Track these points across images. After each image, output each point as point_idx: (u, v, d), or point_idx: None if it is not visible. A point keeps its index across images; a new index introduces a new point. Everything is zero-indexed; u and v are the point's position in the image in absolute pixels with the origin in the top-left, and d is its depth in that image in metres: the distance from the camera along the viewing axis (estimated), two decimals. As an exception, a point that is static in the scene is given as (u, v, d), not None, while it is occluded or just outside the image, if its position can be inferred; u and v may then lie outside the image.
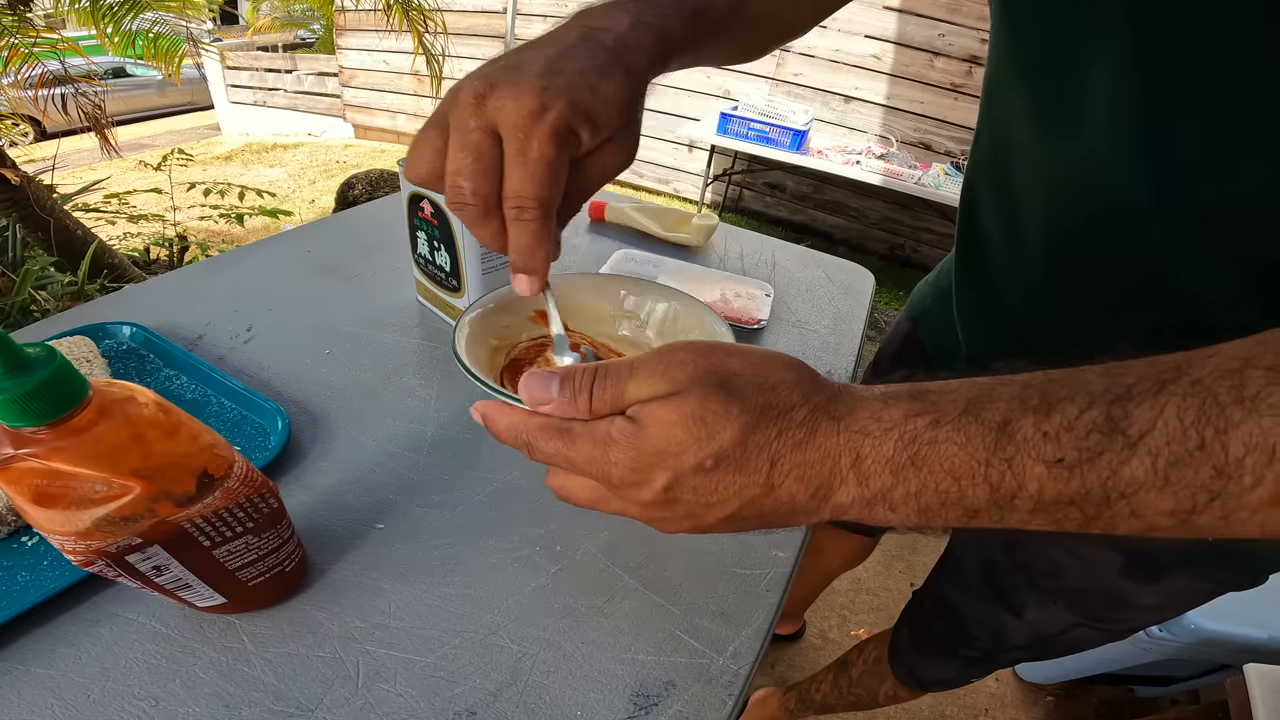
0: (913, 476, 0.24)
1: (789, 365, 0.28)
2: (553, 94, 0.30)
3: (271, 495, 0.37)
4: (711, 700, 0.38)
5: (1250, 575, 0.54)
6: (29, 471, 0.27)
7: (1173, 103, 0.34)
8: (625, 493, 0.28)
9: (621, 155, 0.34)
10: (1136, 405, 0.22)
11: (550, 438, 0.28)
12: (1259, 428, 0.21)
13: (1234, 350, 0.22)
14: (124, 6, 2.46)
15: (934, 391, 0.25)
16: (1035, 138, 0.44)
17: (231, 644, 0.38)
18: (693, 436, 0.25)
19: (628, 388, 0.27)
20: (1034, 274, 0.49)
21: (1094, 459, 0.22)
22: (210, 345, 0.63)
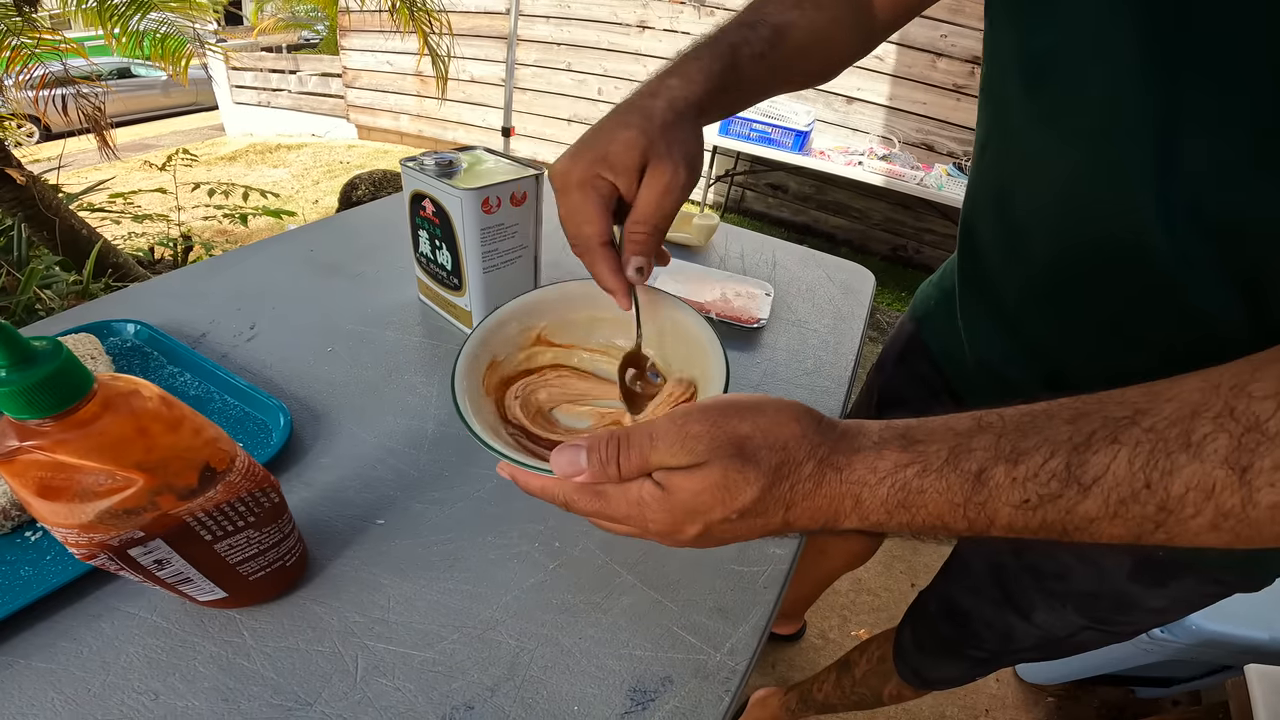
0: (903, 514, 0.29)
1: (794, 419, 0.30)
2: (581, 156, 0.41)
3: (273, 490, 0.37)
4: (708, 696, 0.38)
5: (1259, 578, 0.54)
6: (34, 464, 0.28)
7: (1181, 116, 0.35)
8: (663, 536, 0.32)
9: (666, 177, 0.41)
10: (1094, 454, 0.26)
11: (587, 499, 0.32)
12: (1201, 470, 0.24)
13: (1188, 396, 0.26)
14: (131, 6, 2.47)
15: (921, 441, 0.29)
16: (1039, 147, 0.44)
17: (232, 638, 0.39)
18: (718, 501, 0.29)
19: (651, 457, 0.30)
20: (1036, 283, 0.49)
21: (1054, 499, 0.26)
22: (214, 343, 0.63)
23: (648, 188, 0.41)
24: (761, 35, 0.50)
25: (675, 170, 0.41)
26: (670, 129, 0.42)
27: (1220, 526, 0.25)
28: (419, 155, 0.63)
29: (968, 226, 0.57)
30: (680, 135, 0.42)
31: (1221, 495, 0.24)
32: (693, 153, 0.43)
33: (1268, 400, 0.24)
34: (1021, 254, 0.50)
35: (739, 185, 4.06)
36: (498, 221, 0.59)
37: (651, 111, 0.42)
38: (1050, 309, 0.49)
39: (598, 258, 0.42)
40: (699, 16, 3.70)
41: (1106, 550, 0.55)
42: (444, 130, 5.00)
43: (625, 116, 0.42)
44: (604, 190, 0.41)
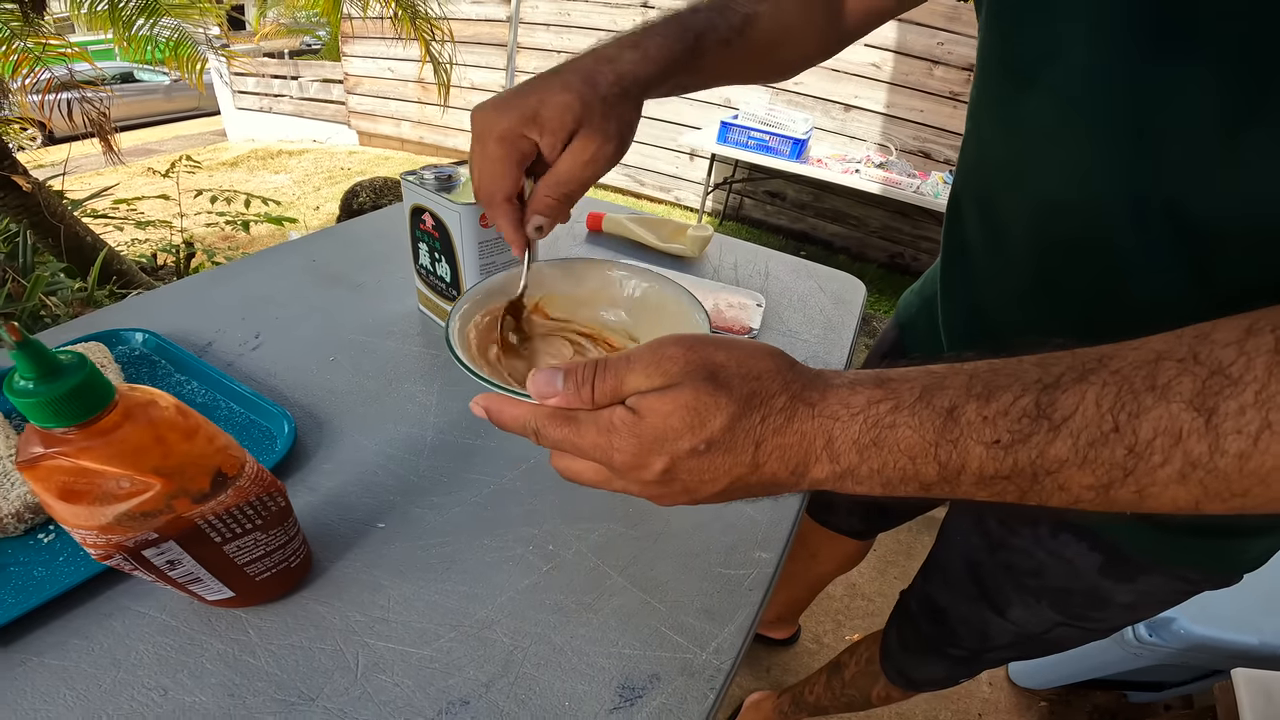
0: (875, 455, 0.28)
1: (769, 355, 0.31)
2: (509, 108, 0.41)
3: (279, 494, 0.39)
4: (694, 693, 0.40)
5: (1224, 575, 0.55)
6: (57, 469, 0.30)
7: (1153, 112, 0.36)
8: (628, 474, 0.31)
9: (592, 148, 0.42)
10: (1062, 392, 0.25)
11: (558, 425, 0.32)
12: (1168, 413, 0.24)
13: (1153, 344, 0.26)
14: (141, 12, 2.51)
15: (894, 380, 0.29)
16: (1019, 150, 0.46)
17: (238, 636, 0.40)
18: (686, 424, 0.28)
19: (626, 380, 0.30)
20: (1015, 283, 0.51)
21: (1025, 440, 0.26)
22: (220, 352, 0.65)
23: (572, 154, 0.42)
24: (730, 22, 0.50)
25: (605, 144, 0.41)
26: (612, 103, 0.42)
27: (1189, 477, 0.24)
28: (419, 169, 0.65)
29: (950, 228, 0.59)
30: (621, 111, 0.42)
31: (1189, 441, 0.24)
32: (627, 130, 0.43)
33: (1229, 347, 0.24)
34: (1001, 258, 0.51)
35: (737, 193, 4.09)
36: (494, 235, 0.61)
37: (597, 80, 0.42)
38: (1031, 309, 0.50)
39: (501, 212, 0.43)
40: (698, 25, 3.74)
41: (1078, 547, 0.57)
42: (445, 137, 5.04)
43: (569, 78, 0.42)
44: (525, 148, 0.42)
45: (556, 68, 0.43)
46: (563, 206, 0.44)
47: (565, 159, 0.42)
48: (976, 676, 1.49)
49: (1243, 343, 0.24)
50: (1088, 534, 0.57)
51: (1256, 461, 0.23)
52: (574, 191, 0.43)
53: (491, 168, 0.42)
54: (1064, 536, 0.58)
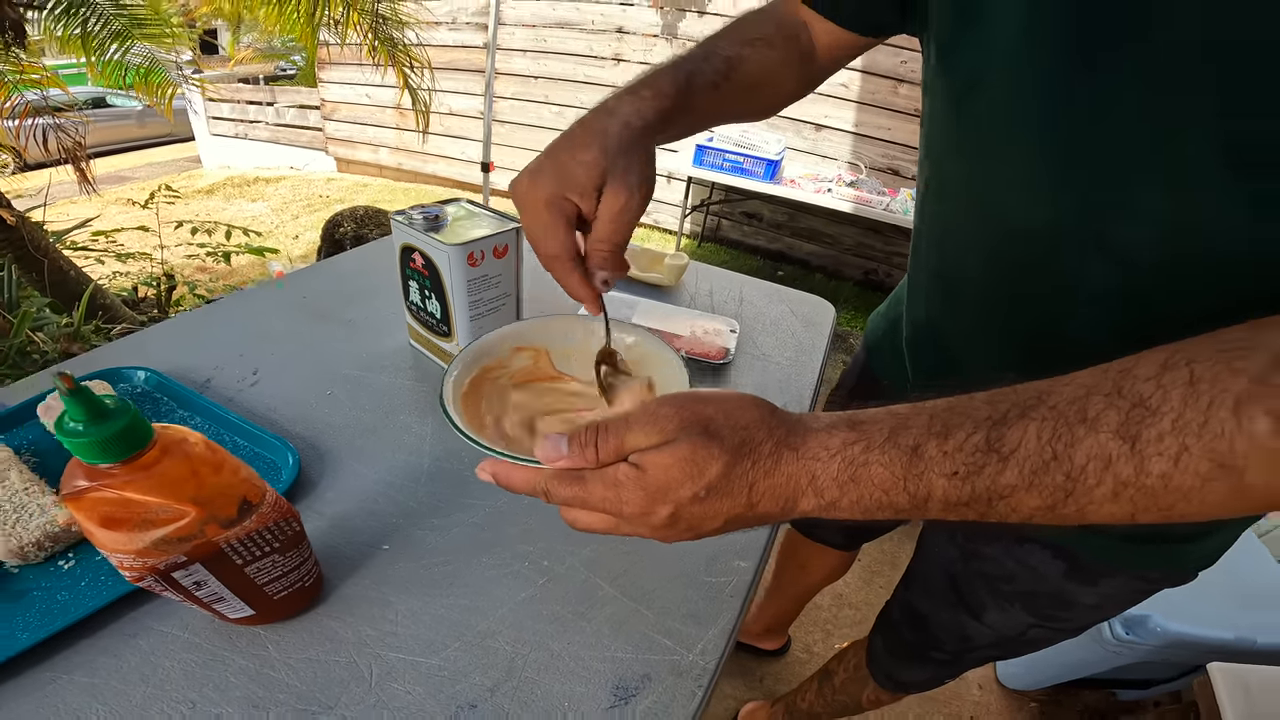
0: (853, 490, 0.32)
1: (753, 405, 0.35)
2: (543, 174, 0.44)
3: (294, 519, 0.42)
4: (683, 691, 0.44)
5: (1178, 573, 0.60)
6: (100, 500, 0.33)
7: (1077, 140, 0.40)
8: (636, 521, 0.34)
9: (621, 198, 0.44)
10: (1008, 428, 0.30)
11: (566, 484, 0.35)
12: (1097, 442, 0.28)
13: (1083, 379, 0.30)
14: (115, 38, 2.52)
15: (865, 422, 0.33)
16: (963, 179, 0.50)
17: (258, 652, 0.43)
18: (687, 475, 0.32)
19: (626, 439, 0.33)
20: (967, 310, 0.55)
21: (979, 470, 0.30)
22: (220, 388, 0.68)
23: (605, 210, 0.44)
24: (715, 67, 0.54)
25: (630, 195, 0.44)
26: (625, 153, 0.44)
27: (1120, 495, 0.28)
28: (408, 209, 0.68)
29: (912, 256, 0.64)
30: (635, 159, 0.45)
31: (1117, 464, 0.27)
32: (646, 175, 0.46)
33: (1149, 381, 0.28)
34: (954, 280, 0.56)
35: (714, 214, 4.16)
36: (482, 273, 0.65)
37: (607, 133, 0.45)
38: (982, 333, 0.55)
39: (568, 272, 0.45)
40: (671, 49, 3.84)
41: (1043, 555, 0.62)
42: (423, 163, 5.07)
43: (584, 138, 0.45)
44: (569, 210, 0.44)
45: (571, 130, 0.46)
46: (616, 257, 0.46)
47: (601, 214, 0.44)
48: (967, 680, 1.54)
49: (1160, 377, 0.28)
50: (1050, 544, 0.61)
51: (1178, 480, 0.27)
52: (620, 242, 0.45)
53: (545, 233, 0.44)
54: (1029, 546, 0.63)
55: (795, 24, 0.61)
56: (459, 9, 4.38)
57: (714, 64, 0.54)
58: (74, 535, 0.49)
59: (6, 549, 0.47)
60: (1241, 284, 0.37)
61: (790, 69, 0.61)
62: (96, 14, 2.46)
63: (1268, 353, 0.26)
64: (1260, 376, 0.26)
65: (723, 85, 0.54)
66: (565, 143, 0.45)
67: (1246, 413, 0.26)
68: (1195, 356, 0.28)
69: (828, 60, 0.64)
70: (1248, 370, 0.26)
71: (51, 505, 0.50)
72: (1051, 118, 0.41)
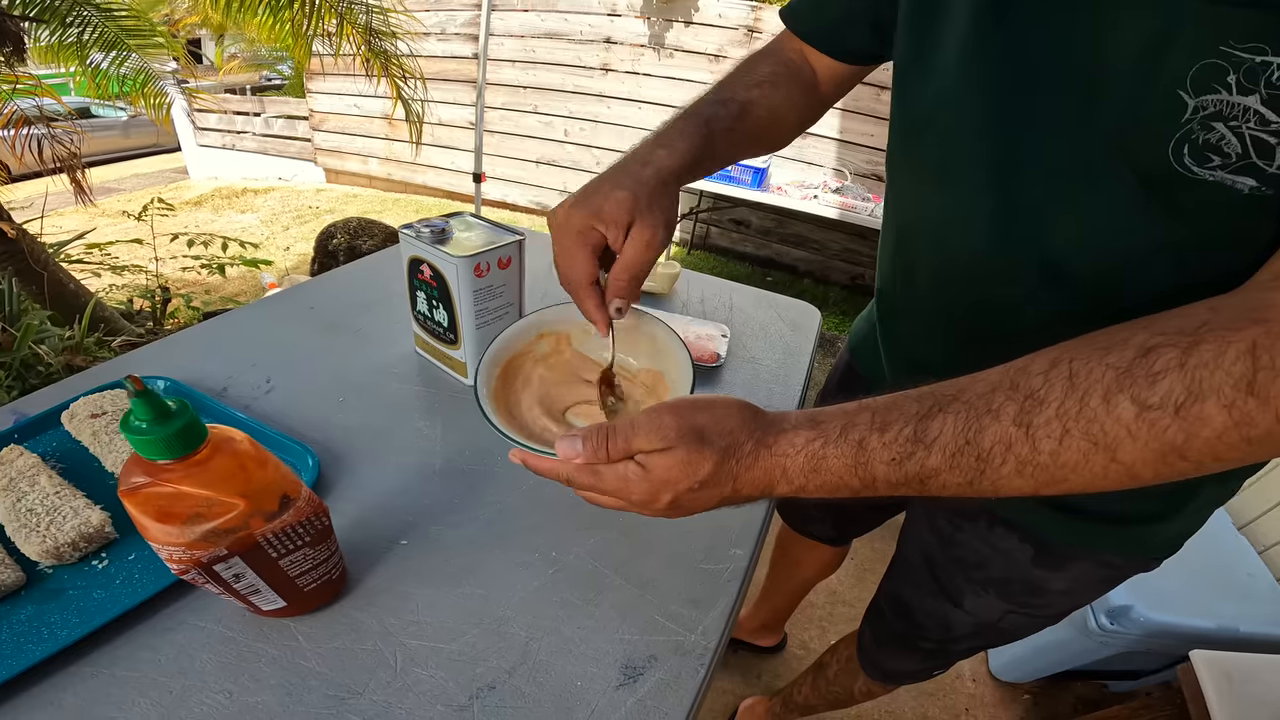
0: (816, 477, 0.38)
1: (739, 411, 0.41)
2: (577, 208, 0.50)
3: (324, 514, 0.45)
4: (687, 669, 0.47)
5: (1141, 558, 0.63)
6: (155, 495, 0.36)
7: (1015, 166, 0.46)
8: (641, 507, 0.41)
9: (645, 237, 0.50)
10: (931, 421, 0.36)
11: (584, 475, 0.41)
12: (999, 428, 0.34)
13: (990, 378, 0.36)
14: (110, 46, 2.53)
15: (823, 420, 0.39)
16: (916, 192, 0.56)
17: (289, 643, 0.46)
18: (684, 474, 0.39)
19: (633, 442, 0.39)
20: (928, 313, 0.61)
21: (910, 456, 0.36)
22: (236, 396, 0.71)
23: (632, 243, 0.50)
24: (731, 112, 0.60)
25: (655, 232, 0.50)
26: (656, 196, 0.51)
27: (1023, 472, 0.34)
28: (415, 223, 0.71)
29: (879, 265, 0.69)
30: (663, 202, 0.51)
31: (1016, 446, 0.33)
32: (671, 217, 0.52)
33: (1038, 376, 0.34)
34: (914, 288, 0.61)
35: (704, 222, 4.21)
36: (488, 284, 0.68)
37: (642, 178, 0.51)
38: (940, 337, 0.60)
39: (586, 295, 0.51)
40: (659, 59, 3.89)
41: (1011, 539, 0.66)
42: (413, 173, 5.09)
43: (620, 179, 0.51)
44: (596, 240, 0.50)
45: (608, 172, 0.52)
46: (634, 287, 0.52)
47: (628, 247, 0.50)
48: (961, 674, 1.58)
49: (1047, 373, 0.34)
50: (1018, 528, 0.65)
51: (1064, 457, 0.33)
52: (640, 274, 0.51)
53: (570, 260, 0.50)
54: (999, 530, 0.67)
55: (795, 61, 0.67)
56: (447, 20, 4.42)
57: (730, 109, 0.61)
58: (106, 536, 0.52)
59: (42, 549, 0.49)
60: (1159, 284, 0.43)
61: (794, 105, 0.67)
62: (90, 24, 2.48)
63: (1135, 348, 0.32)
64: (1126, 369, 0.31)
65: (737, 129, 0.61)
66: (602, 183, 0.51)
67: (1113, 400, 0.31)
68: (1077, 354, 0.33)
69: (830, 90, 0.70)
70: (1116, 365, 0.32)
71: (84, 507, 0.53)
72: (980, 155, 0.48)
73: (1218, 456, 0.31)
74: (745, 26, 3.62)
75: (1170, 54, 0.37)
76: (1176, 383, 0.30)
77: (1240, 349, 0.29)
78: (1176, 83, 0.37)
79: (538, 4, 4.09)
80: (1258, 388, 0.29)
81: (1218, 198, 0.38)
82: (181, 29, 5.05)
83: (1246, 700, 1.04)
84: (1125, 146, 0.41)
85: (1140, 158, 0.40)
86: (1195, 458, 0.31)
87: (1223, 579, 1.36)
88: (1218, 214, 0.39)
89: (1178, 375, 0.30)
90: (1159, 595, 1.25)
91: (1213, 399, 0.29)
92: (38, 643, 0.45)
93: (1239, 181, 0.37)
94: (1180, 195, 0.39)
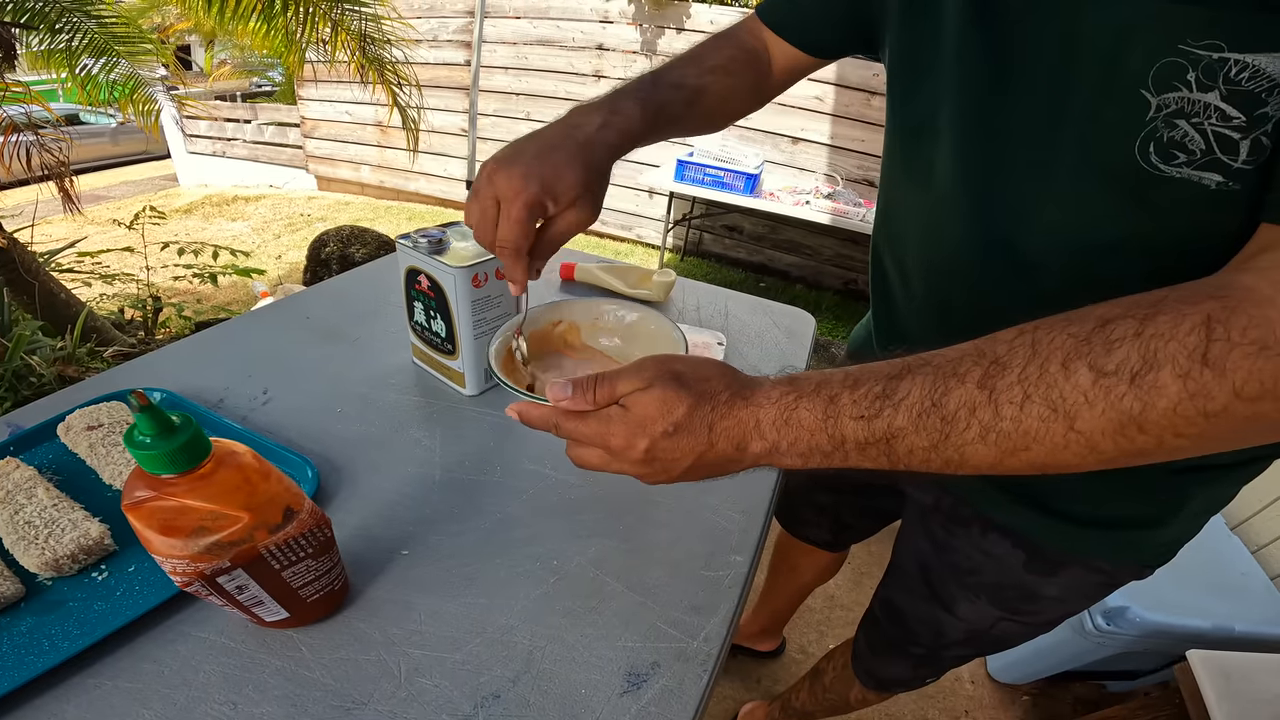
0: (788, 432, 0.38)
1: (717, 367, 0.42)
2: (532, 178, 0.49)
3: (326, 525, 0.45)
4: (690, 675, 0.48)
5: (1134, 565, 0.64)
6: (159, 509, 0.36)
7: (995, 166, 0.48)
8: (621, 454, 0.41)
9: (581, 216, 0.52)
10: (900, 381, 0.36)
11: (570, 420, 0.42)
12: (964, 391, 0.34)
13: (963, 347, 0.36)
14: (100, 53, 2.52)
15: (799, 379, 0.40)
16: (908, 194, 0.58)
17: (292, 653, 0.46)
18: (659, 412, 0.39)
19: (617, 386, 0.41)
20: (922, 315, 0.62)
21: (878, 414, 0.36)
22: (232, 407, 0.70)
23: (567, 219, 0.52)
24: (684, 97, 0.62)
25: (590, 213, 0.52)
26: (601, 178, 0.53)
27: (986, 439, 0.34)
28: (411, 233, 0.71)
29: (873, 269, 0.70)
30: (602, 184, 0.53)
31: (979, 411, 0.33)
32: (603, 196, 0.54)
33: (1003, 344, 0.34)
34: (909, 289, 0.62)
35: (696, 228, 4.22)
36: (485, 294, 0.69)
37: (592, 160, 0.52)
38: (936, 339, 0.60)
39: (519, 260, 0.52)
40: (651, 65, 3.88)
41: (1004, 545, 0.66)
42: (406, 181, 5.08)
43: (572, 152, 0.51)
44: (541, 212, 0.51)
45: (553, 136, 0.52)
46: (553, 253, 0.54)
47: (562, 222, 0.52)
48: (960, 677, 1.58)
49: (1013, 341, 0.34)
50: (1010, 532, 0.66)
51: (1025, 424, 0.33)
52: (564, 243, 0.54)
53: (515, 228, 0.50)
54: (992, 536, 0.67)
55: (755, 48, 0.69)
56: (439, 27, 4.42)
57: (683, 94, 0.62)
58: (106, 548, 0.52)
59: (41, 562, 0.49)
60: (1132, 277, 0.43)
61: (745, 92, 0.69)
62: (80, 30, 2.47)
63: (1095, 320, 0.32)
64: (1085, 338, 0.32)
65: (686, 114, 0.63)
66: (550, 151, 0.51)
67: (1071, 366, 0.32)
68: (1042, 325, 0.34)
69: (783, 79, 0.72)
70: (1076, 334, 0.32)
71: (82, 520, 0.53)
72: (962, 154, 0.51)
73: (1177, 431, 0.31)
74: (736, 33, 3.64)
75: (1132, 53, 0.38)
76: (1132, 351, 0.31)
77: (1195, 321, 0.30)
78: (1139, 82, 0.38)
79: (530, 11, 4.10)
80: (1211, 358, 0.29)
81: (1185, 194, 0.39)
82: (171, 35, 5.02)
83: (1246, 699, 1.04)
84: (1094, 146, 0.42)
85: (1109, 157, 0.42)
86: (1154, 431, 0.31)
87: (1217, 579, 1.37)
88: (1187, 210, 0.40)
89: (1134, 344, 0.31)
90: (1154, 596, 1.26)
91: (1168, 368, 0.30)
92: (39, 655, 0.45)
93: (1205, 177, 0.38)
94: (1149, 192, 0.41)
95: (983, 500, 0.67)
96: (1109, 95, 0.40)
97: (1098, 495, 0.59)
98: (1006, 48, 0.46)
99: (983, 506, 0.67)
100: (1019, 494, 0.62)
